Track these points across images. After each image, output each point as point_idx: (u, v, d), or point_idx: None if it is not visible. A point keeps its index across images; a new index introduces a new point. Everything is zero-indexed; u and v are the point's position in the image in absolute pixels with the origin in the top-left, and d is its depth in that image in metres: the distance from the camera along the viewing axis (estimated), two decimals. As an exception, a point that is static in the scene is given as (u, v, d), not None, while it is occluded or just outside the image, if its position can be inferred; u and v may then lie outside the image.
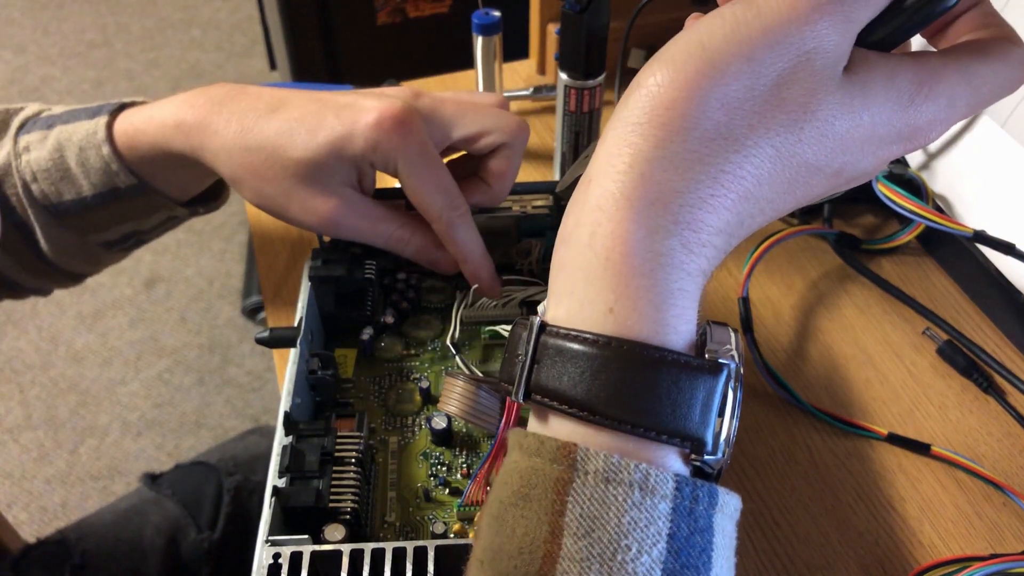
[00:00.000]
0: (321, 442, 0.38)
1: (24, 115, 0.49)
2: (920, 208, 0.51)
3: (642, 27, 0.69)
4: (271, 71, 1.71)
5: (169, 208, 0.49)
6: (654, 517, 0.24)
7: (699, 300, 0.27)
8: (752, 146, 0.26)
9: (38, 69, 2.10)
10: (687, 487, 0.25)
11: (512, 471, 0.27)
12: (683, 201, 0.26)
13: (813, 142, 0.27)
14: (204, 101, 0.43)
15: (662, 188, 0.26)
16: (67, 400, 1.46)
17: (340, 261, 0.46)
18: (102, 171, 0.46)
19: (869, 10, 0.26)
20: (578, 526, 0.24)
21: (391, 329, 0.47)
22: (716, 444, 0.26)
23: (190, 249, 1.69)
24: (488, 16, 0.60)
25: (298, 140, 0.41)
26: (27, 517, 1.31)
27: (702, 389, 0.26)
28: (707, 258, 0.27)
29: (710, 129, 0.26)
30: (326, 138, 0.41)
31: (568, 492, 0.25)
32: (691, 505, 0.25)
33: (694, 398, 0.25)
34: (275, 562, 0.34)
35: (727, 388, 0.26)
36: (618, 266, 0.26)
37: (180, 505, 0.67)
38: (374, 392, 0.45)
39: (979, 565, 0.42)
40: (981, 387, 0.52)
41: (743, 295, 0.53)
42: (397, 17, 1.39)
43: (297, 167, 0.41)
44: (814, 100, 0.26)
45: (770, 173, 0.27)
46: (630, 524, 0.24)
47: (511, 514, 0.26)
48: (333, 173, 0.42)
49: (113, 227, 0.50)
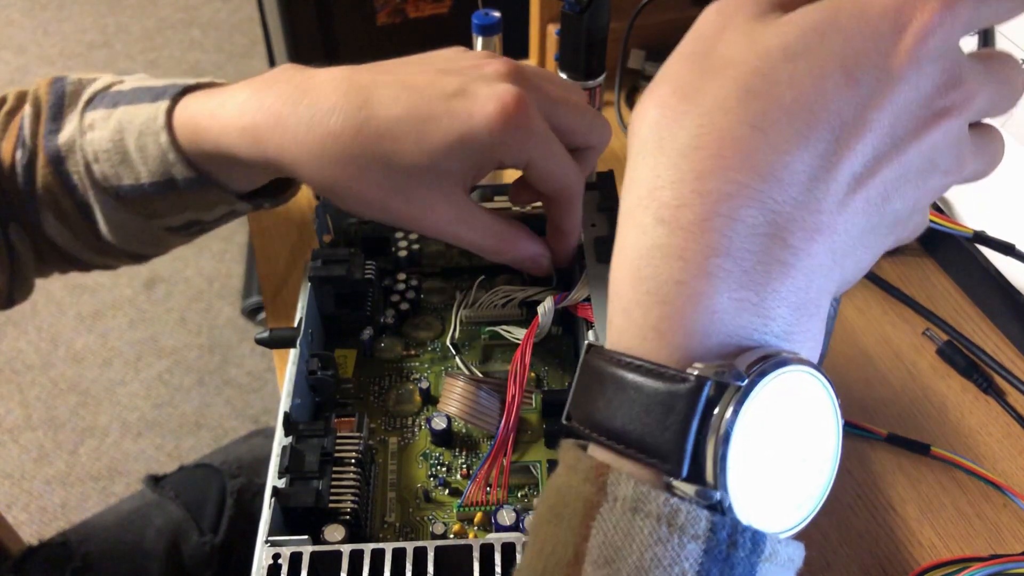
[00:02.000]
0: (321, 443, 0.38)
1: (95, 88, 0.46)
2: (920, 208, 0.51)
3: (642, 28, 0.69)
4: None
5: (230, 203, 0.46)
6: (680, 557, 0.22)
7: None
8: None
9: (38, 69, 2.10)
10: (724, 529, 0.22)
11: (552, 484, 0.26)
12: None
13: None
14: (273, 99, 0.39)
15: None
16: (67, 400, 1.46)
17: (340, 261, 0.46)
18: (159, 159, 0.43)
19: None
20: (599, 554, 0.23)
21: (391, 329, 0.47)
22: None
23: (190, 249, 1.69)
24: (488, 16, 0.60)
25: (404, 146, 0.36)
26: (27, 518, 1.31)
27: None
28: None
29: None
30: (443, 140, 0.36)
31: (595, 516, 0.23)
32: (728, 550, 0.22)
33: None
34: (275, 562, 0.34)
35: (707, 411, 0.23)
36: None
37: (183, 508, 0.66)
38: (374, 392, 0.45)
39: (979, 566, 0.42)
40: (981, 388, 0.52)
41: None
42: (397, 17, 1.39)
43: (406, 176, 0.37)
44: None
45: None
46: (652, 561, 0.22)
47: (543, 531, 0.25)
48: (449, 176, 0.38)
49: (174, 215, 0.46)
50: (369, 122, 0.37)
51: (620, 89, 0.71)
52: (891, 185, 0.25)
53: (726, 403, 0.23)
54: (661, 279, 0.24)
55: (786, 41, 0.25)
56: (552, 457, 0.41)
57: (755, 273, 0.24)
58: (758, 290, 0.24)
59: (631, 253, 0.25)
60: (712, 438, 0.22)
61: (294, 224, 0.63)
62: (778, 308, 0.24)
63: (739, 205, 0.23)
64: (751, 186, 0.23)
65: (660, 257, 0.24)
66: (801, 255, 0.24)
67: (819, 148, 0.24)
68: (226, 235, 1.71)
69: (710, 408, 0.23)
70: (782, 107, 0.24)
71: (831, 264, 0.25)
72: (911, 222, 0.28)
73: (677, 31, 0.29)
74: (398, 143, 0.37)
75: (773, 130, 0.24)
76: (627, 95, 0.73)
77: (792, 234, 0.24)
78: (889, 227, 0.27)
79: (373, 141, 0.37)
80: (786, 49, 0.24)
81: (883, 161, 0.25)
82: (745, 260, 0.23)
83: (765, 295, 0.24)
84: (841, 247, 0.25)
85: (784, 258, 0.24)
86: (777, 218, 0.24)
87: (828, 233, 0.24)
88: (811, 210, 0.24)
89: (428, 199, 0.38)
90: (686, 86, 0.26)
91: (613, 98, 0.71)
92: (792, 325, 0.24)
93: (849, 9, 0.24)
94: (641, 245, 0.25)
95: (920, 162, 0.25)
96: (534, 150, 0.38)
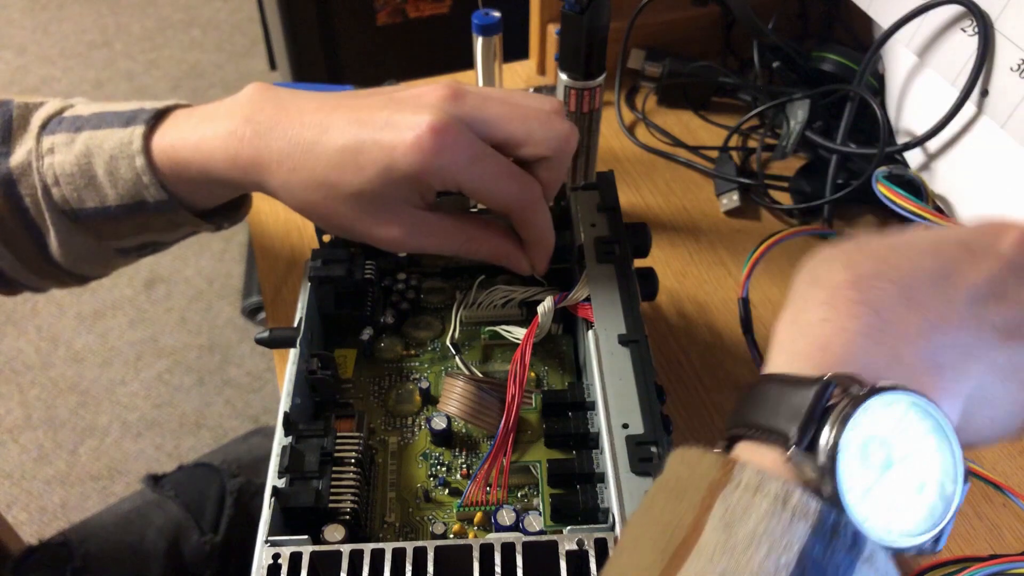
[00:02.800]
0: (321, 442, 0.38)
1: (46, 112, 0.47)
2: (919, 208, 0.51)
3: (642, 27, 0.69)
4: (271, 71, 1.71)
5: (194, 224, 0.48)
6: (789, 529, 0.25)
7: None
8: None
9: (38, 69, 2.10)
10: (832, 515, 0.25)
11: (669, 476, 0.29)
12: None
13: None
14: (251, 133, 0.42)
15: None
16: (67, 400, 1.46)
17: (340, 261, 0.46)
18: (131, 183, 0.45)
19: None
20: (719, 520, 0.26)
21: (391, 329, 0.47)
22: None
23: (190, 249, 1.69)
24: (488, 16, 0.60)
25: (347, 176, 0.40)
26: (27, 517, 1.31)
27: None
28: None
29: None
30: (373, 170, 0.39)
31: (718, 495, 0.26)
32: (831, 538, 0.25)
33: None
34: (275, 562, 0.34)
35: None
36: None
37: (183, 507, 0.66)
38: (374, 392, 0.45)
39: (979, 566, 0.42)
40: (981, 387, 0.52)
41: (743, 296, 0.53)
42: (397, 17, 1.39)
43: (356, 201, 0.40)
44: None
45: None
46: (765, 530, 0.25)
47: (660, 507, 0.28)
48: (391, 199, 0.40)
49: (132, 237, 0.48)
50: (324, 153, 0.40)
51: (620, 89, 0.71)
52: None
53: (846, 403, 0.26)
54: (812, 321, 0.30)
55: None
56: (552, 456, 0.41)
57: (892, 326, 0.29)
58: (894, 341, 0.29)
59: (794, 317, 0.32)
60: (829, 426, 0.26)
61: (294, 224, 0.63)
62: (910, 357, 0.29)
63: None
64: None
65: (815, 307, 0.31)
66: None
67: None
68: (226, 235, 1.71)
69: (833, 405, 0.26)
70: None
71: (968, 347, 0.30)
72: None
73: (678, 31, 0.29)
74: (343, 172, 0.40)
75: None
76: (627, 95, 0.73)
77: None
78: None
79: (323, 175, 0.40)
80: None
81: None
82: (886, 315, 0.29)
83: (898, 345, 0.29)
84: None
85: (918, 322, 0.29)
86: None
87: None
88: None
89: (382, 219, 0.41)
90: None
91: (613, 98, 0.71)
92: (922, 375, 0.29)
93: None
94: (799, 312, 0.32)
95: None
96: (460, 174, 0.39)
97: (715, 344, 0.54)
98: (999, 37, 0.50)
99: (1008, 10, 0.49)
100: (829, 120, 0.64)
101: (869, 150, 0.58)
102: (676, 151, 0.68)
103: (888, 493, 0.27)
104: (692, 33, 0.71)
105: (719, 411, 0.51)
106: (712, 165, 0.66)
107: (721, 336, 0.55)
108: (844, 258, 0.32)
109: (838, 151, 0.60)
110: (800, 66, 0.66)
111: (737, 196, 0.62)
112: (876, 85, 0.63)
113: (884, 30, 0.57)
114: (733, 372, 0.53)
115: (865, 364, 0.28)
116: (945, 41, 0.54)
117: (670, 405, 0.51)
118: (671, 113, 0.71)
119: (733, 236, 0.61)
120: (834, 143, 0.61)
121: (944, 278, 0.31)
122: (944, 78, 0.54)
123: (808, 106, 0.62)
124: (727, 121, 0.69)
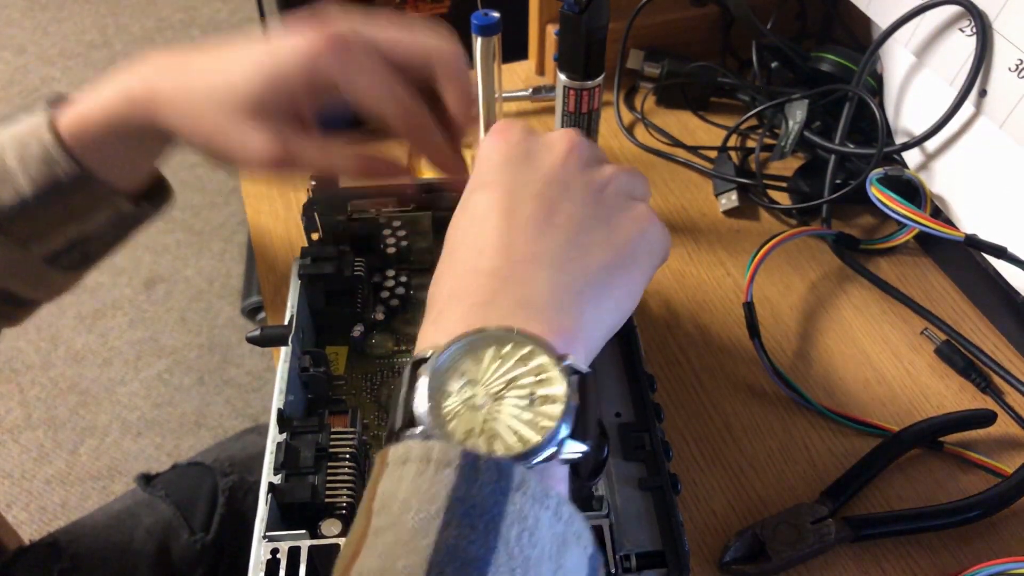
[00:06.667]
0: (315, 438, 0.38)
1: None
2: (912, 213, 0.51)
3: (641, 28, 0.69)
4: (272, 72, 1.71)
5: (113, 203, 0.47)
6: (435, 480, 0.26)
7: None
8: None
9: (38, 69, 2.10)
10: (471, 457, 0.26)
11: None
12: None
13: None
14: (147, 70, 0.43)
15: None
16: (67, 400, 1.46)
17: (329, 259, 0.46)
18: (42, 160, 0.44)
19: None
20: (380, 506, 0.27)
21: (381, 325, 0.47)
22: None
23: (190, 249, 1.69)
24: (487, 17, 0.60)
25: (231, 76, 0.41)
26: (27, 517, 1.31)
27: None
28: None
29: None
30: (257, 70, 0.40)
31: (379, 483, 0.27)
32: (474, 474, 0.26)
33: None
34: (273, 557, 0.34)
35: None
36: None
37: (173, 506, 0.66)
38: (366, 388, 0.45)
39: (979, 565, 0.42)
40: (979, 387, 0.52)
41: (748, 300, 0.53)
42: (397, 18, 1.40)
43: (232, 103, 0.41)
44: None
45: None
46: (415, 490, 0.26)
47: (357, 523, 0.28)
48: (269, 106, 0.41)
49: (56, 231, 0.47)
50: (207, 61, 0.42)
51: (619, 89, 0.72)
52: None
53: (426, 368, 0.30)
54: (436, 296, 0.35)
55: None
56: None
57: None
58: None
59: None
60: (416, 395, 0.29)
61: (294, 224, 0.63)
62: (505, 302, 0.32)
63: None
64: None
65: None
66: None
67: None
68: (226, 235, 1.72)
69: (415, 378, 0.30)
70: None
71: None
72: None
73: (676, 31, 0.29)
74: (226, 75, 0.41)
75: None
76: (626, 95, 0.73)
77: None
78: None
79: (206, 75, 0.42)
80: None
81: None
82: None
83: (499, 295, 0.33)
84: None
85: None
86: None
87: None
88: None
89: (247, 128, 0.41)
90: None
91: (612, 98, 0.71)
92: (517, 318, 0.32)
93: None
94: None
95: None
96: (345, 73, 0.40)
97: (714, 344, 0.54)
98: (997, 37, 0.50)
99: (1006, 10, 0.49)
100: (828, 120, 0.64)
101: (867, 150, 0.58)
102: (675, 151, 0.68)
103: (505, 419, 0.29)
104: (691, 33, 0.72)
105: (718, 410, 0.51)
106: (711, 165, 0.66)
107: (720, 336, 0.55)
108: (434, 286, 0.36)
109: (837, 151, 0.60)
110: (799, 66, 0.66)
111: (736, 196, 0.62)
112: (875, 85, 0.63)
113: (883, 30, 0.57)
114: (732, 372, 0.53)
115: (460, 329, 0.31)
116: (943, 41, 0.54)
117: (669, 405, 0.51)
118: (670, 113, 0.71)
119: (732, 236, 0.61)
120: (833, 143, 0.61)
121: (512, 235, 0.34)
122: (942, 78, 0.54)
123: (807, 106, 0.62)
124: (726, 121, 0.70)
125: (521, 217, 0.35)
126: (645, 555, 0.37)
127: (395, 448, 0.28)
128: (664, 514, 0.38)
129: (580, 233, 0.35)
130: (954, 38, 0.53)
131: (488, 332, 0.30)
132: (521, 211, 0.35)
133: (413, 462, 0.27)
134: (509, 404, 0.29)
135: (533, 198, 0.35)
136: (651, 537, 0.38)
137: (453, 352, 0.30)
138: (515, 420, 0.29)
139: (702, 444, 0.49)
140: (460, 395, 0.29)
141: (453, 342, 0.30)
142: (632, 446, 0.38)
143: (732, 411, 0.51)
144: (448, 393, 0.30)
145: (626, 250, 0.36)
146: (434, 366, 0.30)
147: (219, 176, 1.84)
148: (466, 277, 0.34)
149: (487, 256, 0.34)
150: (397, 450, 0.28)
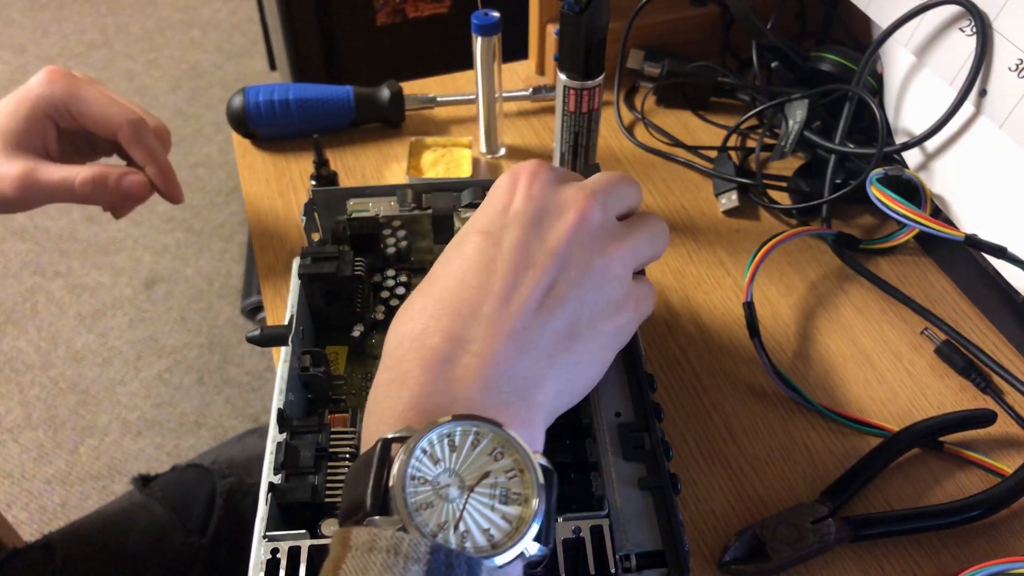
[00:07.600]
0: (315, 438, 0.38)
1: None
2: (912, 213, 0.51)
3: (641, 27, 0.69)
4: (271, 71, 1.71)
5: None
6: (404, 574, 0.26)
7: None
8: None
9: (38, 69, 2.10)
10: (442, 553, 0.26)
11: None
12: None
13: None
14: None
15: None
16: (67, 400, 1.46)
17: (329, 259, 0.46)
18: None
19: None
20: None
21: (381, 325, 0.47)
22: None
23: (190, 249, 1.69)
24: (487, 17, 0.60)
25: (3, 122, 0.50)
26: (27, 517, 1.31)
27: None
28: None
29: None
30: (18, 110, 0.51)
31: (341, 567, 0.27)
32: (446, 570, 0.26)
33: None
34: (273, 557, 0.34)
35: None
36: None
37: (169, 509, 0.66)
38: (366, 388, 0.45)
39: (979, 565, 0.42)
40: (979, 387, 0.52)
41: (748, 300, 0.53)
42: (397, 17, 1.40)
43: (7, 141, 0.50)
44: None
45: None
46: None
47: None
48: (30, 138, 0.51)
49: None
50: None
51: (619, 89, 0.72)
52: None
53: (398, 453, 0.29)
54: (380, 383, 0.34)
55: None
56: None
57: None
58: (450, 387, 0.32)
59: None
60: (391, 479, 0.29)
61: (294, 224, 0.63)
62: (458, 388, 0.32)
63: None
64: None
65: (383, 371, 0.35)
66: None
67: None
68: (226, 235, 1.72)
69: (387, 459, 0.29)
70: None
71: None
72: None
73: (676, 31, 0.29)
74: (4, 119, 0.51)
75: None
76: (626, 95, 0.73)
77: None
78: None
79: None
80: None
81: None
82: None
83: (455, 390, 0.32)
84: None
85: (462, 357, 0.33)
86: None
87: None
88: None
89: (15, 156, 0.50)
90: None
91: (612, 98, 0.71)
92: (482, 400, 0.32)
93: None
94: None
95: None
96: (76, 95, 0.51)
97: (714, 344, 0.54)
98: (997, 37, 0.50)
99: (1006, 10, 0.49)
100: (828, 120, 0.64)
101: (867, 150, 0.58)
102: (675, 151, 0.68)
103: (475, 514, 0.29)
104: (691, 33, 0.72)
105: (718, 410, 0.51)
106: (711, 165, 0.66)
107: (720, 336, 0.55)
108: (399, 319, 0.36)
109: (837, 151, 0.60)
110: (799, 66, 0.66)
111: (736, 196, 0.62)
112: (875, 85, 0.63)
113: (883, 30, 0.57)
114: (732, 372, 0.53)
115: (429, 411, 0.31)
116: (943, 41, 0.54)
117: (669, 405, 0.51)
118: (670, 113, 0.71)
119: (732, 236, 0.61)
120: (833, 143, 0.61)
121: (498, 302, 0.34)
122: (942, 78, 0.54)
123: (807, 106, 0.62)
124: (726, 121, 0.70)
125: (513, 291, 0.34)
126: (645, 555, 0.37)
127: (359, 532, 0.27)
128: (664, 514, 0.38)
129: (570, 325, 0.35)
130: (954, 38, 0.53)
131: (468, 423, 0.30)
132: (515, 282, 0.35)
133: (380, 552, 0.26)
134: (482, 498, 0.29)
135: (530, 270, 0.35)
136: (651, 537, 0.38)
137: (432, 437, 0.30)
138: (485, 518, 0.29)
139: (702, 444, 0.49)
140: (434, 484, 0.29)
141: (432, 427, 0.30)
142: (632, 446, 0.38)
143: (732, 411, 0.51)
144: (423, 479, 0.29)
145: (614, 341, 0.37)
146: (411, 450, 0.29)
147: (219, 176, 1.84)
148: (438, 336, 0.33)
149: (463, 317, 0.34)
150: (361, 534, 0.27)
